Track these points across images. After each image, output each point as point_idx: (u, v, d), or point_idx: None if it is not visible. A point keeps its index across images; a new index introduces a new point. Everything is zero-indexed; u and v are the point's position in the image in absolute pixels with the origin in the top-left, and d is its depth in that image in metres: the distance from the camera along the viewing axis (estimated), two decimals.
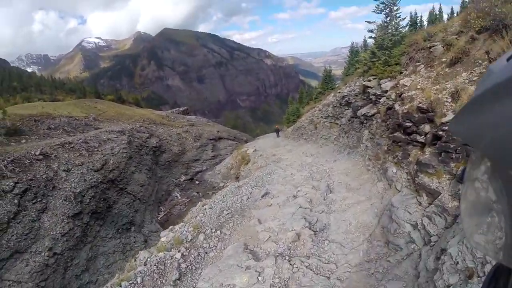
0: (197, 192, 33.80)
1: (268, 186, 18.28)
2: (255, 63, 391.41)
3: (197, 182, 37.44)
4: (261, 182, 19.59)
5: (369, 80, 18.94)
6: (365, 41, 34.44)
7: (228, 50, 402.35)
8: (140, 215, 28.09)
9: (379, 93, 17.33)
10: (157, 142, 38.47)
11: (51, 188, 22.18)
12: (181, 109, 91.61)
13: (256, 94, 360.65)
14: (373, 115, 18.02)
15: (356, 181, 16.16)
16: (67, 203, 21.99)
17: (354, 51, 36.30)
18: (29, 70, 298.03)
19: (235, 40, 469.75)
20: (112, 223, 25.11)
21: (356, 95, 22.07)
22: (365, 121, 19.50)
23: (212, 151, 45.34)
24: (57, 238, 20.01)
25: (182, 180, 37.66)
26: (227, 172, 33.59)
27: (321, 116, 27.64)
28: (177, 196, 33.93)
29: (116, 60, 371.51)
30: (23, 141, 28.02)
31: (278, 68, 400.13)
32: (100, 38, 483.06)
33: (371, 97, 18.48)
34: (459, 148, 9.25)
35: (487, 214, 0.70)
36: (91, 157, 26.93)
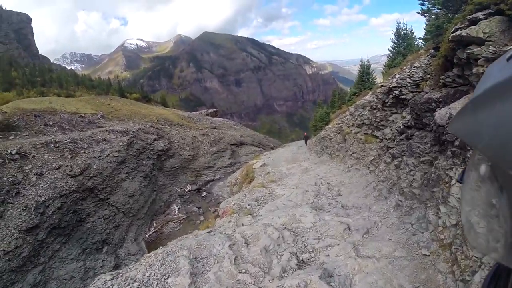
0: (198, 208, 29.36)
1: None
2: (293, 68, 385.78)
3: (203, 194, 32.93)
4: None
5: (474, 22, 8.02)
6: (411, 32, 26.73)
7: (266, 54, 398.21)
8: (121, 232, 23.77)
9: None
10: (164, 145, 34.36)
11: (13, 194, 18.61)
12: (210, 110, 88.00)
13: (293, 100, 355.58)
14: None
15: None
16: (25, 213, 18.11)
17: (401, 34, 26.27)
18: (72, 67, 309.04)
19: (274, 45, 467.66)
20: (80, 241, 20.83)
21: (418, 83, 12.54)
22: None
23: (229, 158, 40.81)
24: None
25: (187, 190, 33.24)
26: (231, 188, 28.12)
27: (352, 124, 19.32)
28: (174, 210, 29.39)
29: (156, 61, 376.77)
30: (11, 137, 24.88)
31: (316, 74, 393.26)
32: (141, 39, 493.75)
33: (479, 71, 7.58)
34: None
35: (487, 214, 0.69)
36: (72, 160, 23.16)
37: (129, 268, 8.75)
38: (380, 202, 11.82)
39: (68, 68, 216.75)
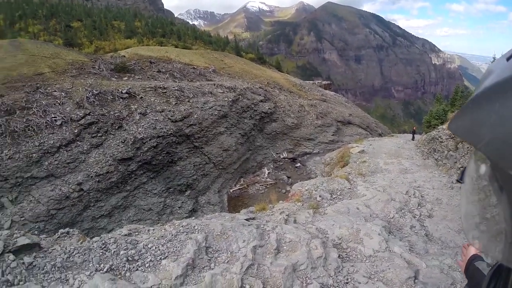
0: (288, 177, 28.24)
1: None
2: (418, 54, 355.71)
3: (297, 165, 31.67)
4: None
5: None
6: None
7: (391, 34, 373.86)
8: (207, 181, 24.35)
9: None
10: (269, 108, 33.71)
11: (116, 127, 20.54)
12: (324, 82, 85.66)
13: (413, 88, 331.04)
14: None
15: None
16: (122, 145, 19.95)
17: None
18: (195, 23, 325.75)
19: (400, 26, 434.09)
20: (166, 180, 22.01)
21: None
22: None
23: (333, 135, 38.53)
24: (91, 176, 18.20)
25: (282, 157, 32.36)
26: (325, 166, 26.36)
27: None
28: (265, 173, 28.97)
29: (277, 25, 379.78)
30: (125, 78, 27.24)
31: (442, 66, 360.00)
32: (264, 3, 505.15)
33: None
34: None
35: (487, 214, 0.71)
36: (176, 106, 24.30)
37: (144, 230, 7.55)
38: None
39: (191, 23, 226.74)
